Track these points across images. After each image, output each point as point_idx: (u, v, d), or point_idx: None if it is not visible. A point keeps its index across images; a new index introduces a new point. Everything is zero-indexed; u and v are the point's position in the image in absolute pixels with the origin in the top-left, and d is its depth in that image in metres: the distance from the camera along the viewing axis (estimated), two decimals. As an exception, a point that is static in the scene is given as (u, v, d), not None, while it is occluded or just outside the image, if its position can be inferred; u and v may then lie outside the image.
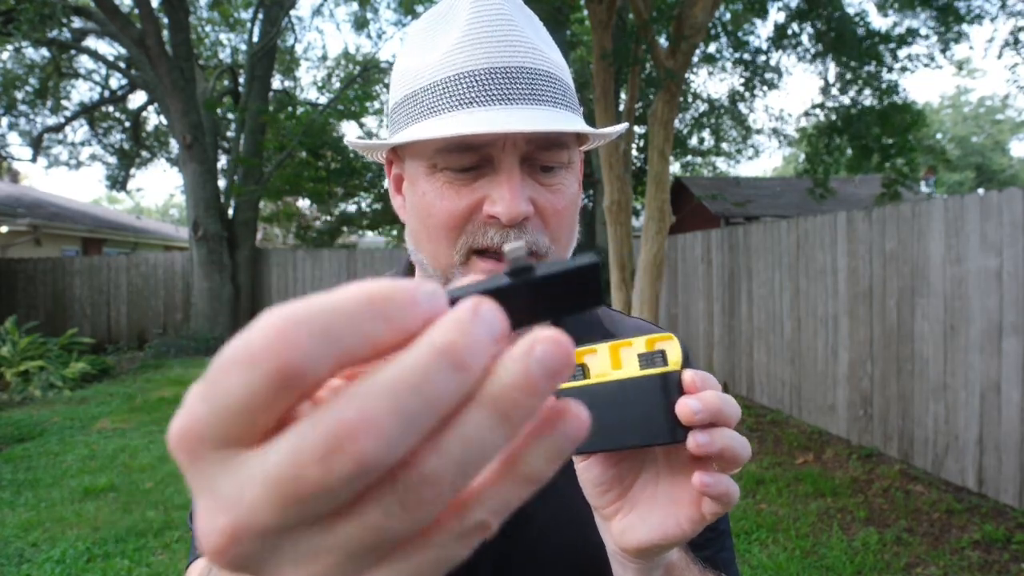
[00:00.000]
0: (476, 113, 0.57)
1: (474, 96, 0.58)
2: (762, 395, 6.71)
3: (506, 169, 0.59)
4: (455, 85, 0.59)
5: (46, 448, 5.66)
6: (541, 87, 0.60)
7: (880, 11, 9.97)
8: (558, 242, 0.63)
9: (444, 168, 0.60)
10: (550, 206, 0.61)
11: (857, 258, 5.22)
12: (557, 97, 0.61)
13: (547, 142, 0.60)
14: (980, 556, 3.42)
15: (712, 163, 18.72)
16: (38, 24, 9.37)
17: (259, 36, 12.57)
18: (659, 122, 6.40)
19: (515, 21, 0.61)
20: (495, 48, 0.59)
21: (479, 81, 0.58)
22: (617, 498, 0.50)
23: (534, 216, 0.60)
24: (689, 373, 0.45)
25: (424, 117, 0.60)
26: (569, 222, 0.64)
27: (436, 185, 0.61)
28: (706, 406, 0.44)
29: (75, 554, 3.57)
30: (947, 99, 39.23)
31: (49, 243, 14.35)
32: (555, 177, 0.62)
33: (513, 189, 0.58)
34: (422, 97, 0.61)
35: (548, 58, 0.62)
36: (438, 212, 0.61)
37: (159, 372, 9.47)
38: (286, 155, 13.05)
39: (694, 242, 8.27)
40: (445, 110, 0.59)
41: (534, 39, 0.62)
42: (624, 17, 9.10)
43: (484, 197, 0.60)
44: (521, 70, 0.59)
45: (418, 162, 0.62)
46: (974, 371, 4.12)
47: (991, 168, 34.93)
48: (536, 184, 0.61)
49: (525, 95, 0.58)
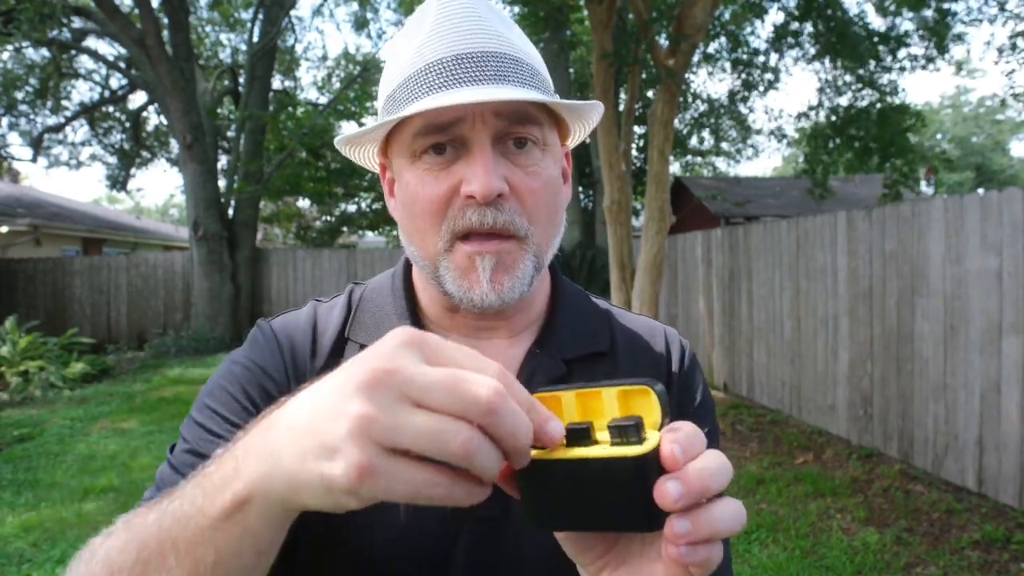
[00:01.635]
0: (444, 95, 0.59)
1: (443, 81, 0.60)
2: (762, 395, 6.71)
3: (478, 147, 0.60)
4: (425, 74, 0.61)
5: (46, 448, 5.66)
6: (507, 68, 0.62)
7: (879, 12, 9.97)
8: (536, 223, 0.64)
9: (422, 154, 0.62)
10: (525, 186, 0.62)
11: (857, 258, 5.22)
12: (524, 78, 0.62)
13: (517, 116, 0.61)
14: (980, 556, 3.42)
15: (712, 163, 18.73)
16: (38, 24, 9.38)
17: (259, 36, 12.57)
18: (659, 122, 6.40)
19: (480, 14, 0.63)
20: (461, 37, 0.62)
21: (447, 67, 0.60)
22: (603, 553, 0.46)
23: (510, 195, 0.62)
24: (668, 445, 0.38)
25: (400, 109, 0.62)
26: (547, 203, 0.65)
27: (417, 173, 0.63)
28: (689, 489, 0.38)
29: (75, 554, 3.57)
30: (947, 99, 39.25)
31: (49, 243, 14.35)
32: (530, 157, 0.63)
33: (486, 166, 0.59)
34: (398, 93, 0.63)
35: (515, 45, 0.64)
36: (421, 200, 0.63)
37: (159, 372, 9.47)
38: (286, 155, 13.06)
39: (694, 242, 8.27)
40: (417, 98, 0.61)
41: (500, 29, 0.64)
42: (624, 17, 9.10)
43: (461, 179, 0.61)
44: (486, 54, 0.61)
45: (401, 156, 0.65)
46: (974, 371, 4.12)
47: (991, 168, 34.94)
48: (510, 164, 0.62)
49: (490, 76, 0.60)
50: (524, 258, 0.63)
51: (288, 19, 13.83)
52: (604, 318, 0.78)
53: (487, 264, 0.62)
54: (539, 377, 0.68)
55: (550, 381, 0.68)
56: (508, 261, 0.62)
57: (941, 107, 38.43)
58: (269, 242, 20.36)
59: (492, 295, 0.62)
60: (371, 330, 0.71)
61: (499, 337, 0.72)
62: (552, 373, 0.69)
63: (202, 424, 0.65)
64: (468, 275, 0.62)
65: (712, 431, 0.77)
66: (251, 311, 12.48)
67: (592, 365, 0.72)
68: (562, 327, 0.73)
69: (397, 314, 0.72)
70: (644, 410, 0.42)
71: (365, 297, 0.75)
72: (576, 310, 0.76)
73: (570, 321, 0.74)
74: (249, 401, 0.66)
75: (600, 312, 0.78)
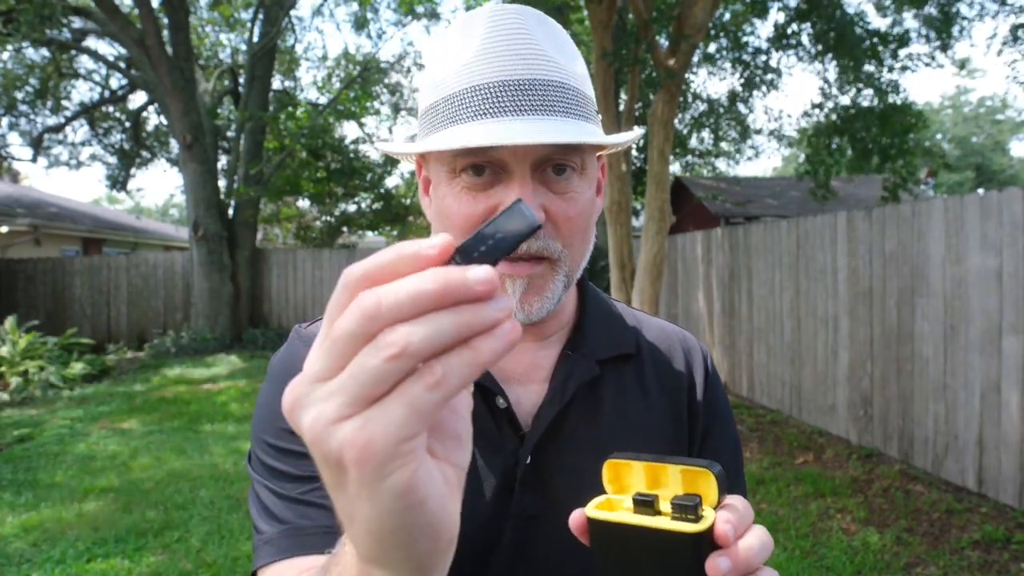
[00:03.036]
0: (487, 124, 0.60)
1: (487, 108, 0.60)
2: (762, 395, 6.71)
3: (518, 177, 0.61)
4: (470, 97, 0.61)
5: (46, 448, 5.66)
6: (553, 98, 0.62)
7: (879, 12, 9.97)
8: (571, 247, 0.65)
9: (461, 171, 0.63)
10: (562, 213, 0.63)
11: (857, 258, 5.22)
12: (570, 107, 0.63)
13: (558, 147, 0.62)
14: (980, 556, 3.42)
15: (712, 163, 18.71)
16: (38, 24, 9.38)
17: (259, 36, 12.56)
18: (659, 122, 6.40)
19: (532, 34, 0.63)
20: (509, 61, 0.61)
21: (492, 94, 0.61)
22: None
23: (547, 222, 0.63)
24: (723, 524, 0.44)
25: (443, 127, 0.63)
26: (582, 228, 0.66)
27: (455, 190, 0.64)
28: (736, 565, 0.43)
29: (75, 554, 3.57)
30: (947, 99, 39.24)
31: (49, 243, 14.35)
32: (569, 184, 0.64)
33: (525, 197, 0.60)
34: (441, 108, 0.64)
35: (563, 69, 0.64)
36: (455, 216, 0.64)
37: (159, 372, 9.47)
38: (286, 155, 13.05)
39: (694, 242, 8.27)
40: (460, 121, 0.61)
41: (550, 51, 0.64)
42: (624, 17, 9.10)
43: (498, 203, 0.62)
44: (533, 82, 0.61)
45: (440, 168, 0.66)
46: (974, 371, 4.12)
47: (991, 168, 34.92)
48: (549, 192, 0.63)
49: (536, 106, 0.61)
50: (555, 279, 0.65)
51: (288, 19, 13.82)
52: (627, 321, 0.80)
53: (518, 287, 0.63)
54: (575, 378, 0.70)
55: (585, 382, 0.70)
56: (539, 284, 0.64)
57: (941, 107, 38.42)
58: (269, 242, 20.34)
59: (520, 315, 0.63)
60: None
61: (529, 340, 0.73)
62: (587, 374, 0.71)
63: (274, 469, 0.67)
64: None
65: (735, 443, 0.81)
66: (251, 311, 12.48)
67: (622, 366, 0.74)
68: (592, 330, 0.75)
69: None
70: (703, 488, 0.48)
71: None
72: (603, 314, 0.78)
73: (599, 324, 0.76)
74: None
75: (623, 315, 0.80)
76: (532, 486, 0.66)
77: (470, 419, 0.37)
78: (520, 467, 0.66)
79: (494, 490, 0.65)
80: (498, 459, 0.66)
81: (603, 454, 0.66)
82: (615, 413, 0.71)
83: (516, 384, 0.71)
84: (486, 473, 0.66)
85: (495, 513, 0.65)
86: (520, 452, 0.66)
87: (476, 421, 0.65)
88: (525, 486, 0.66)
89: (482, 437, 0.66)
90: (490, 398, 0.68)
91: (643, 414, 0.73)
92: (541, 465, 0.67)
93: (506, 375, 0.71)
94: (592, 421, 0.70)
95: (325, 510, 0.62)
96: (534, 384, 0.71)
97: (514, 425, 0.68)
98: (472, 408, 0.38)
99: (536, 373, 0.72)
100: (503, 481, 0.66)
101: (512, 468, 0.66)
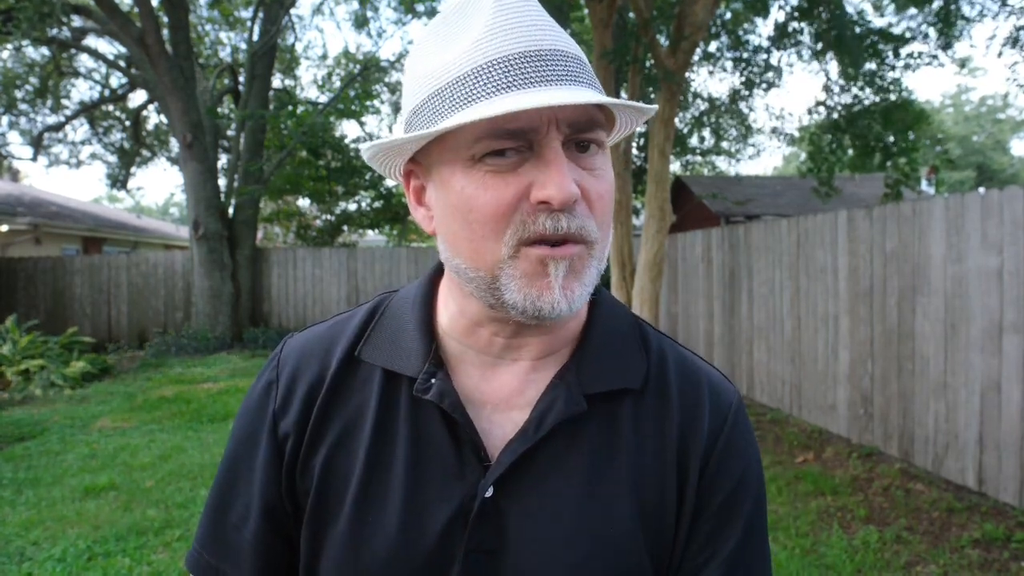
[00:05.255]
0: (517, 95, 0.55)
1: (512, 80, 0.56)
2: (762, 394, 6.71)
3: (552, 152, 0.57)
4: (489, 72, 0.56)
5: (47, 447, 5.66)
6: (575, 69, 0.58)
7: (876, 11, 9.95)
8: (603, 227, 0.61)
9: (485, 157, 0.57)
10: (594, 190, 0.60)
11: (858, 257, 5.22)
12: (591, 79, 0.60)
13: (587, 121, 0.58)
14: (980, 554, 3.42)
15: (712, 162, 18.69)
16: (37, 23, 9.36)
17: (259, 35, 12.56)
18: (659, 121, 6.40)
19: (540, 8, 0.60)
20: (527, 32, 0.57)
21: (515, 65, 0.56)
22: None
23: (581, 200, 0.59)
24: None
25: (460, 108, 0.57)
26: (609, 207, 0.62)
27: (477, 177, 0.58)
28: None
29: (76, 552, 3.58)
30: (948, 98, 39.22)
31: (49, 242, 14.35)
32: (594, 160, 0.61)
33: (561, 171, 0.56)
34: (453, 90, 0.58)
35: (573, 43, 0.61)
36: (483, 205, 0.58)
37: (159, 371, 9.47)
38: (286, 154, 13.05)
39: (694, 241, 8.27)
40: (482, 97, 0.56)
41: (558, 26, 0.61)
42: (624, 16, 9.09)
43: (531, 183, 0.57)
44: (555, 52, 0.58)
45: (451, 161, 0.60)
46: (974, 370, 4.12)
47: (992, 167, 34.90)
48: (578, 168, 0.59)
49: (562, 75, 0.57)
50: (592, 264, 0.60)
51: (288, 18, 13.82)
52: (640, 347, 0.70)
53: (560, 270, 0.58)
54: (555, 413, 0.63)
55: (566, 419, 0.63)
56: (579, 267, 0.59)
57: (942, 106, 38.40)
58: (269, 241, 20.34)
59: (563, 303, 0.58)
60: (385, 348, 0.68)
61: (524, 359, 0.67)
62: (569, 410, 0.63)
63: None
64: (538, 281, 0.58)
65: (759, 540, 0.67)
66: (251, 310, 12.48)
67: (618, 404, 0.66)
68: (591, 356, 0.67)
69: (412, 329, 0.69)
70: None
71: (389, 310, 0.72)
72: (611, 337, 0.69)
73: (602, 350, 0.68)
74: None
75: (642, 341, 0.71)
76: (491, 521, 0.62)
77: None
78: (478, 499, 0.61)
79: (448, 521, 0.62)
80: (457, 489, 0.63)
81: (570, 502, 0.62)
82: (593, 459, 0.64)
83: (494, 410, 0.66)
84: (442, 503, 0.62)
85: (447, 545, 0.61)
86: (481, 484, 0.62)
87: (435, 448, 0.64)
88: (483, 519, 0.61)
89: (441, 465, 0.63)
90: (453, 425, 0.64)
91: (628, 465, 0.64)
92: (504, 500, 0.62)
93: (483, 399, 0.66)
94: (564, 465, 0.63)
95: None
96: (513, 411, 0.65)
97: (479, 455, 0.63)
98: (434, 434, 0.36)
99: (519, 399, 0.66)
100: (459, 512, 0.62)
101: (470, 500, 0.62)
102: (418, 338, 0.67)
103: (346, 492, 0.64)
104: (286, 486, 0.67)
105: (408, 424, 0.65)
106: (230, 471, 0.71)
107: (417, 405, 0.65)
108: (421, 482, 0.63)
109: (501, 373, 0.67)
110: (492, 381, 0.66)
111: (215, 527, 0.70)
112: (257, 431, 0.69)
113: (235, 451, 0.71)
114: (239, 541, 0.68)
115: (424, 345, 0.67)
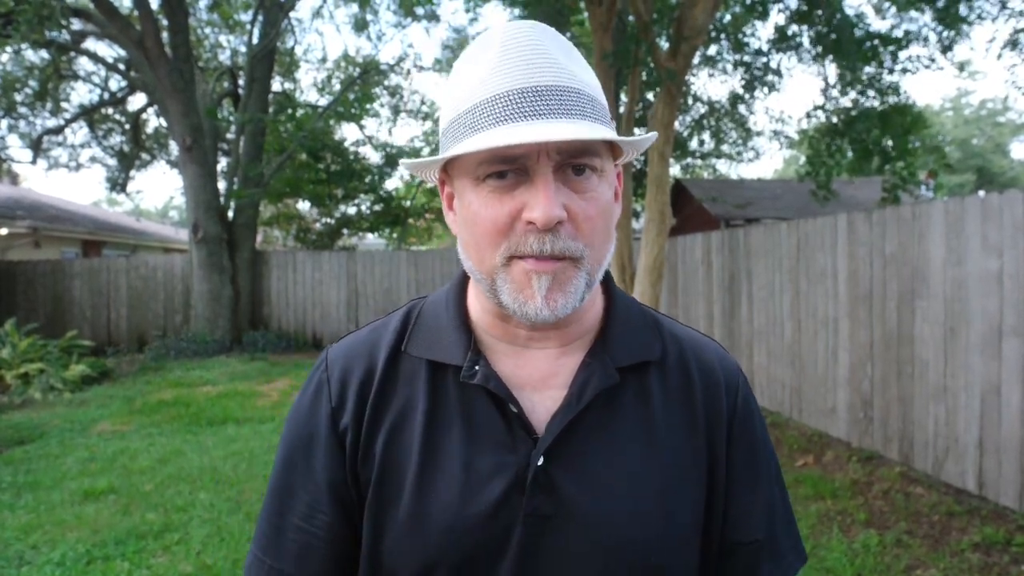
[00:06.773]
0: (510, 128, 0.63)
1: (508, 114, 0.64)
2: (762, 397, 6.71)
3: (541, 177, 0.65)
4: (491, 105, 0.65)
5: (46, 450, 5.65)
6: (569, 102, 0.65)
7: (878, 14, 9.96)
8: (592, 247, 0.68)
9: (485, 178, 0.66)
10: (582, 212, 0.66)
11: (857, 260, 5.22)
12: (585, 111, 0.66)
13: (578, 149, 0.65)
14: (980, 558, 3.42)
15: (712, 165, 18.72)
16: (37, 26, 9.36)
17: (259, 38, 12.57)
18: (659, 124, 6.41)
19: (544, 47, 0.67)
20: (526, 70, 0.65)
21: (512, 100, 0.64)
22: None
23: (567, 222, 0.66)
24: None
25: (467, 135, 0.67)
26: (602, 228, 0.69)
27: (482, 194, 0.67)
28: None
29: (75, 556, 3.57)
30: (948, 101, 39.27)
31: (49, 245, 14.35)
32: (588, 183, 0.67)
33: (548, 195, 0.64)
34: (464, 118, 0.67)
35: (577, 78, 0.68)
36: (483, 220, 0.67)
37: (159, 375, 9.46)
38: (286, 157, 13.05)
39: (694, 244, 8.27)
40: (484, 128, 0.65)
41: (564, 62, 0.68)
42: (624, 19, 9.10)
43: (523, 204, 0.65)
44: (550, 88, 0.65)
45: (465, 178, 0.69)
46: (974, 373, 4.12)
47: (991, 171, 34.92)
48: (570, 192, 0.66)
49: (554, 110, 0.64)
50: (577, 276, 0.67)
51: (288, 21, 13.84)
52: (654, 327, 0.81)
53: (543, 283, 0.66)
54: (593, 385, 0.72)
55: (603, 389, 0.72)
56: (563, 279, 0.66)
57: (942, 109, 38.44)
58: (269, 244, 20.34)
59: (546, 311, 0.66)
60: (428, 343, 0.76)
61: (551, 347, 0.75)
62: (606, 381, 0.72)
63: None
64: (523, 290, 0.67)
65: (779, 486, 0.82)
66: (251, 313, 12.48)
67: (644, 374, 0.76)
68: (615, 337, 0.76)
69: (450, 325, 0.77)
70: None
71: (424, 311, 0.81)
72: (628, 321, 0.79)
73: (623, 331, 0.78)
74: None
75: (650, 321, 0.82)
76: (545, 487, 0.69)
77: None
78: (531, 468, 0.68)
79: (505, 490, 0.68)
80: (510, 461, 0.70)
81: (617, 461, 0.72)
82: (633, 421, 0.73)
83: (532, 391, 0.74)
84: (498, 474, 0.69)
85: (506, 512, 0.68)
86: (533, 454, 0.69)
87: (487, 427, 0.70)
88: (537, 487, 0.68)
89: (493, 441, 0.71)
90: (501, 404, 0.71)
91: (662, 425, 0.73)
92: (554, 468, 0.69)
93: (521, 382, 0.74)
94: (608, 428, 0.72)
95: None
96: (551, 391, 0.74)
97: (528, 429, 0.71)
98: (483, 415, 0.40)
99: (554, 380, 0.74)
100: (515, 481, 0.69)
101: (524, 470, 0.69)
102: (457, 332, 0.76)
103: (406, 474, 0.71)
104: (351, 476, 0.73)
105: (459, 408, 0.73)
106: (287, 475, 0.76)
107: (465, 390, 0.73)
108: (476, 458, 0.70)
109: (532, 359, 0.75)
110: (525, 367, 0.74)
111: (276, 531, 0.74)
112: (314, 432, 0.75)
113: (290, 456, 0.76)
114: (305, 539, 0.73)
115: (463, 337, 0.75)
